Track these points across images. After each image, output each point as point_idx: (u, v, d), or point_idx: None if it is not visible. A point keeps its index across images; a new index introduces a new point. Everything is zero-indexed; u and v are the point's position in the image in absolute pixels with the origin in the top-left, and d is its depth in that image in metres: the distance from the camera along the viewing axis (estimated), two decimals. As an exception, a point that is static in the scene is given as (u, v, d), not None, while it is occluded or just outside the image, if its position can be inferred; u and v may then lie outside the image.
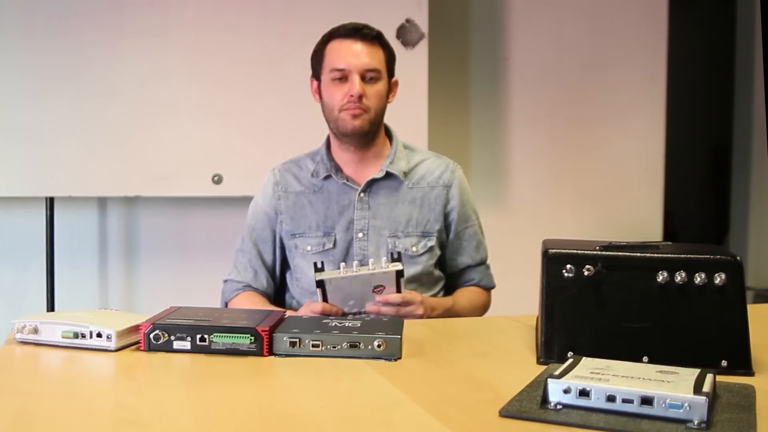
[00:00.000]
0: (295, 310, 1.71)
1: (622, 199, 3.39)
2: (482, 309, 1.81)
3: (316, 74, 1.73)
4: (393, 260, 1.53)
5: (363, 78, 1.64)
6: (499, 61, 3.23)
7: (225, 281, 1.80)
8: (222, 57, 2.69)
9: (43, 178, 2.60)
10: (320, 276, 1.51)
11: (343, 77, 1.65)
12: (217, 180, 2.71)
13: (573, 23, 3.28)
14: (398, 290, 1.53)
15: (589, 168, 3.35)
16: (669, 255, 1.04)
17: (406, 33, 2.77)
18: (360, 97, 1.63)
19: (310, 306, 1.55)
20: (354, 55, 1.64)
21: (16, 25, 2.55)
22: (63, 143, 2.60)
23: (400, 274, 1.51)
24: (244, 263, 1.78)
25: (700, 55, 4.45)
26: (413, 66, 2.76)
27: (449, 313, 1.67)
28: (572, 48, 3.29)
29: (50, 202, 2.70)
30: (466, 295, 1.78)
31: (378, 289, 1.53)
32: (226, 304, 1.78)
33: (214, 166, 2.71)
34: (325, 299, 1.53)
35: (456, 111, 3.19)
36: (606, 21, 3.31)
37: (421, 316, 1.54)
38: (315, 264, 1.54)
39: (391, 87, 1.74)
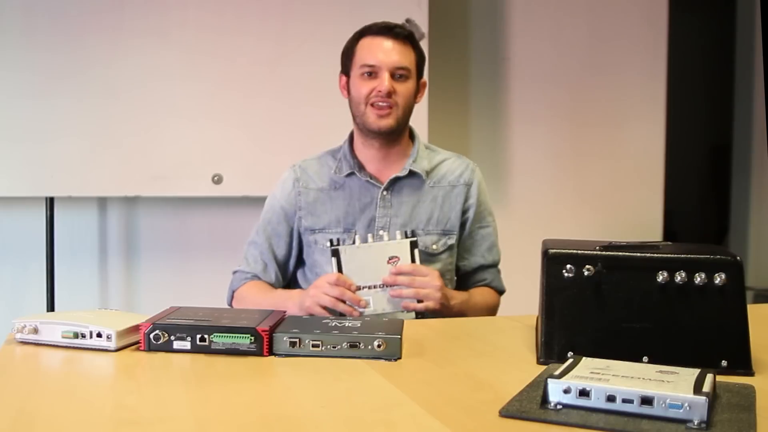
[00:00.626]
0: None
1: (622, 199, 3.39)
2: (493, 310, 1.79)
3: (346, 70, 1.74)
4: (407, 237, 1.56)
5: (392, 75, 1.66)
6: (499, 61, 3.23)
7: (234, 272, 1.81)
8: (222, 57, 2.69)
9: (43, 178, 2.60)
10: (335, 246, 1.55)
11: (373, 73, 1.66)
12: (217, 180, 2.71)
13: (573, 23, 3.28)
14: (413, 261, 1.55)
15: (590, 168, 3.35)
16: (669, 255, 1.04)
17: (406, 33, 2.76)
18: (389, 94, 1.64)
19: (325, 277, 1.55)
20: (385, 52, 1.66)
21: (16, 25, 2.55)
22: (63, 143, 2.60)
23: (414, 244, 1.54)
24: (255, 256, 1.78)
25: (700, 56, 4.45)
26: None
27: (466, 305, 1.67)
28: (572, 48, 3.29)
29: (50, 202, 2.70)
30: (480, 293, 1.77)
31: (393, 260, 1.55)
32: (233, 293, 1.78)
33: (214, 166, 2.71)
34: (340, 270, 1.55)
35: (456, 111, 3.19)
36: (606, 21, 3.31)
37: (439, 288, 1.54)
38: (331, 240, 1.57)
39: (419, 88, 1.75)
